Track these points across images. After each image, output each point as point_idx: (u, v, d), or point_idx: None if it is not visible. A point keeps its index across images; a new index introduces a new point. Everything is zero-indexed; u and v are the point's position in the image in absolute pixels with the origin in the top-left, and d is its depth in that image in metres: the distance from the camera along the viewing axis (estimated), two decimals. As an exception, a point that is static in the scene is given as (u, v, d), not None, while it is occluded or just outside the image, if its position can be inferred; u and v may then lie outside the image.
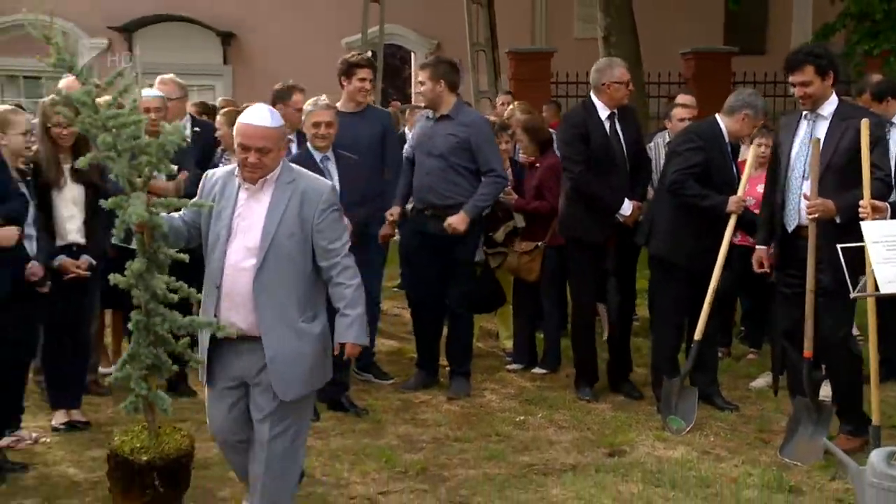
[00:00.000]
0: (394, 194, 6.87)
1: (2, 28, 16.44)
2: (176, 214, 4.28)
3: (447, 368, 7.05)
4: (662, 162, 6.98)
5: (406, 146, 7.25)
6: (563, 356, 7.45)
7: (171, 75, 7.32)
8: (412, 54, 17.06)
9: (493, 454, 5.65)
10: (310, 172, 4.49)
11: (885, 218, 5.20)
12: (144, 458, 4.13)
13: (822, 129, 5.55)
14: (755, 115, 6.32)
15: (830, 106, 5.58)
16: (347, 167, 6.31)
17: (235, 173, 4.22)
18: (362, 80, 6.89)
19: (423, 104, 7.36)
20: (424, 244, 6.87)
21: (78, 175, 5.85)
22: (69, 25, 16.59)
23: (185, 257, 4.18)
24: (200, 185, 4.40)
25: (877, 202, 5.20)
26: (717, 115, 6.43)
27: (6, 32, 16.37)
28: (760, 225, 5.98)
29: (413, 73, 15.86)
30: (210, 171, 4.48)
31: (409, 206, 6.96)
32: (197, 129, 7.39)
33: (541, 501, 4.98)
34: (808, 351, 5.51)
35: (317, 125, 6.20)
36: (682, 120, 7.48)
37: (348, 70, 6.91)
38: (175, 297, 4.17)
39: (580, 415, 6.39)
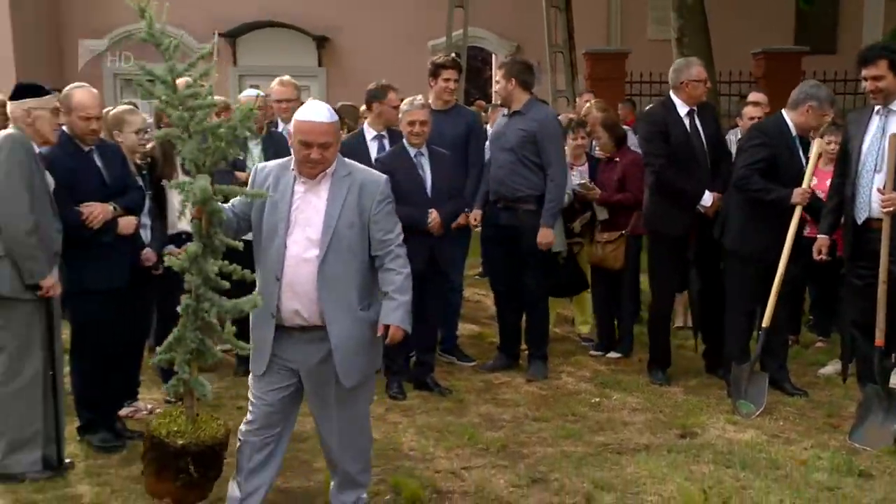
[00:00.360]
0: (471, 189, 6.87)
1: (119, 37, 16.83)
2: (227, 205, 4.15)
3: (526, 352, 7.03)
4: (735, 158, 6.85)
5: (486, 143, 7.26)
6: (636, 342, 7.39)
7: (287, 77, 7.39)
8: (493, 56, 16.99)
9: (569, 433, 5.61)
10: (363, 166, 4.40)
11: None
12: (180, 442, 3.93)
13: (893, 125, 5.39)
14: (819, 105, 6.11)
15: None
16: (439, 162, 6.34)
17: (290, 167, 4.10)
18: (447, 79, 6.93)
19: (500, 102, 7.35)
20: (498, 235, 6.87)
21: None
22: (179, 32, 16.90)
23: (240, 245, 4.03)
24: (251, 177, 4.28)
25: None
26: (782, 111, 6.28)
27: (127, 40, 16.77)
28: (824, 215, 5.87)
29: (493, 74, 15.81)
30: (261, 164, 4.36)
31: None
32: None
33: (616, 479, 4.93)
34: (879, 340, 5.36)
35: (412, 123, 6.24)
36: (752, 118, 7.40)
37: (435, 70, 6.96)
38: (227, 284, 4.00)
39: (653, 398, 6.32)
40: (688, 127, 6.44)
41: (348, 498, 4.35)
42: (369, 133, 6.81)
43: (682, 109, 6.46)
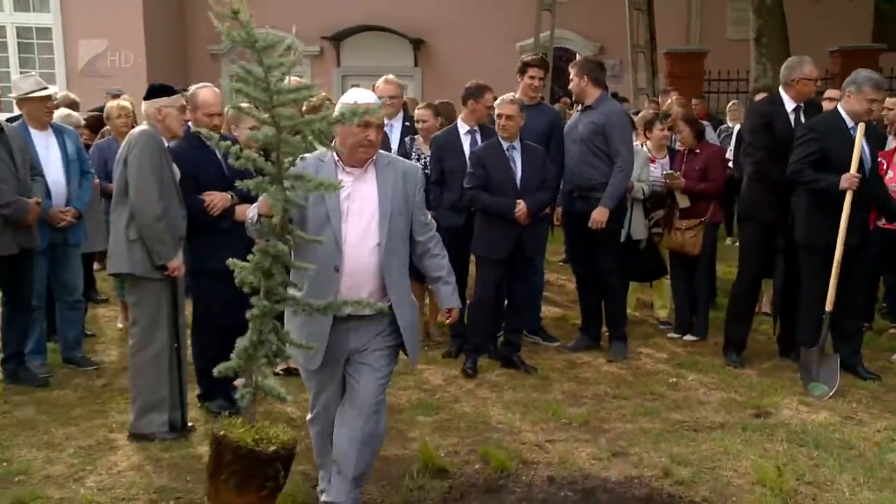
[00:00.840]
0: (553, 182, 6.83)
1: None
2: None
3: (607, 334, 6.98)
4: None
5: None
6: (711, 325, 7.28)
7: (392, 76, 7.48)
8: (577, 56, 16.83)
9: (647, 411, 5.56)
10: (394, 155, 4.35)
11: None
12: (272, 448, 3.53)
13: None
14: (857, 90, 5.89)
15: None
16: (531, 156, 6.33)
17: (326, 158, 3.88)
18: (532, 77, 6.93)
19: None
20: (575, 223, 6.85)
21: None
22: (288, 37, 17.13)
23: (322, 240, 3.73)
24: None
25: None
26: (838, 105, 6.13)
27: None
28: None
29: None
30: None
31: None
32: (407, 122, 7.57)
33: (692, 454, 4.86)
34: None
35: (500, 116, 6.26)
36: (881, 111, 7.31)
37: (523, 68, 6.98)
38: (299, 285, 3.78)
39: (728, 378, 6.22)
40: (792, 122, 6.29)
41: (343, 487, 3.99)
42: (462, 128, 6.86)
43: (790, 105, 6.35)
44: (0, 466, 4.76)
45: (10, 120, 7.41)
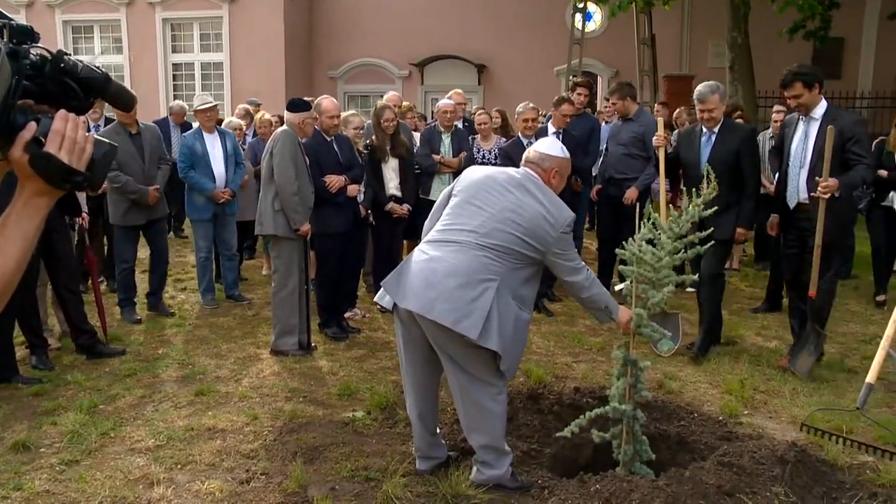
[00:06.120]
0: (587, 169, 6.64)
1: (351, 67, 17.28)
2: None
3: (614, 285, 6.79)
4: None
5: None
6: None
7: (458, 90, 7.49)
8: (598, 77, 16.48)
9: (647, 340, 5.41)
10: None
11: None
12: None
13: (813, 129, 4.68)
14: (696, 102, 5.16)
15: (820, 110, 4.67)
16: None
17: None
18: (579, 94, 6.83)
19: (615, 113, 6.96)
20: (608, 202, 6.62)
21: (395, 153, 6.05)
22: (387, 63, 17.16)
23: None
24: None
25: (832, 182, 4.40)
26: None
27: (353, 69, 17.21)
28: (774, 202, 5.02)
29: (599, 91, 15.32)
30: None
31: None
32: (466, 124, 7.45)
33: (679, 372, 4.73)
34: (812, 291, 4.66)
35: (525, 121, 6.07)
36: (776, 121, 7.05)
37: (573, 87, 6.95)
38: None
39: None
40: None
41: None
42: (550, 129, 6.52)
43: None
44: (186, 368, 4.90)
45: (184, 128, 7.57)
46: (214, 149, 6.39)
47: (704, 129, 5.11)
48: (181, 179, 6.51)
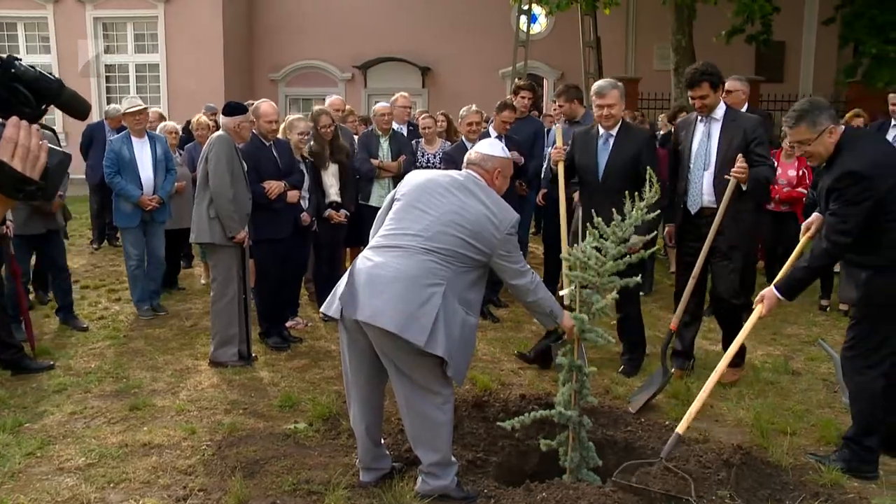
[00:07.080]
0: (533, 172, 6.64)
1: (293, 69, 17.11)
2: None
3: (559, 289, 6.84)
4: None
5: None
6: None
7: (405, 93, 7.33)
8: (544, 80, 16.66)
9: (595, 346, 5.46)
10: None
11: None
12: None
13: (716, 129, 4.57)
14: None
15: (721, 110, 4.59)
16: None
17: None
18: (523, 97, 6.71)
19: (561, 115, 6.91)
20: (550, 204, 6.51)
21: (335, 158, 5.96)
22: (329, 66, 17.03)
23: None
24: None
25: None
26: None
27: (295, 72, 17.02)
28: (672, 208, 4.75)
29: (545, 93, 15.50)
30: None
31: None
32: (411, 128, 7.38)
33: (627, 378, 4.81)
34: (673, 324, 4.57)
35: (469, 124, 6.04)
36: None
37: (516, 90, 6.83)
38: None
39: (652, 320, 6.07)
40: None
41: None
42: (493, 133, 6.29)
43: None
44: (120, 382, 4.73)
45: (117, 130, 7.29)
46: (143, 154, 6.18)
47: (601, 131, 4.78)
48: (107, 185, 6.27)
